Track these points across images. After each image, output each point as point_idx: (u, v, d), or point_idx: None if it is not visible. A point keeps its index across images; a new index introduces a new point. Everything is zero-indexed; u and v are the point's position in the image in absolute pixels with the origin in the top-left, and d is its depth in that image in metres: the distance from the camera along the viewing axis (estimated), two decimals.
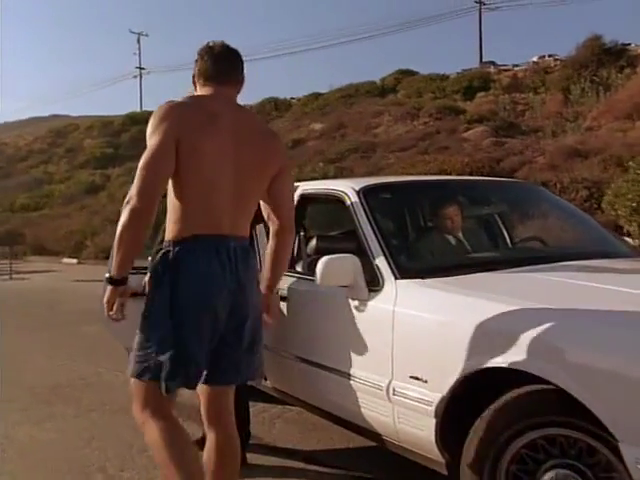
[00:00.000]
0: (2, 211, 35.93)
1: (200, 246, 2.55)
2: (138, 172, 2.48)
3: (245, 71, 2.86)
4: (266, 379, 4.17)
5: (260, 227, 4.14)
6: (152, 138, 2.51)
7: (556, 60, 31.97)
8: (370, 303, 3.21)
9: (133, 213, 2.45)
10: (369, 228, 3.46)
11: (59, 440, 4.44)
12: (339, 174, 19.95)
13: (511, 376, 2.50)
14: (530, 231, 4.93)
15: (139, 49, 63.80)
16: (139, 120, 38.67)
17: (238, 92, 2.81)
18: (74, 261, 22.57)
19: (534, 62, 33.78)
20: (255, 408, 4.71)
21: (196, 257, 2.54)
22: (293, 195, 2.99)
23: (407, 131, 27.56)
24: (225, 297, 2.58)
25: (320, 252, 3.76)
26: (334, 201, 3.89)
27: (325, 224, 5.47)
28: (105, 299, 2.64)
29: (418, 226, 4.50)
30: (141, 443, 4.20)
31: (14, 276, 17.08)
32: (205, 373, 2.69)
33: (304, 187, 4.29)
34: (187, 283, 2.52)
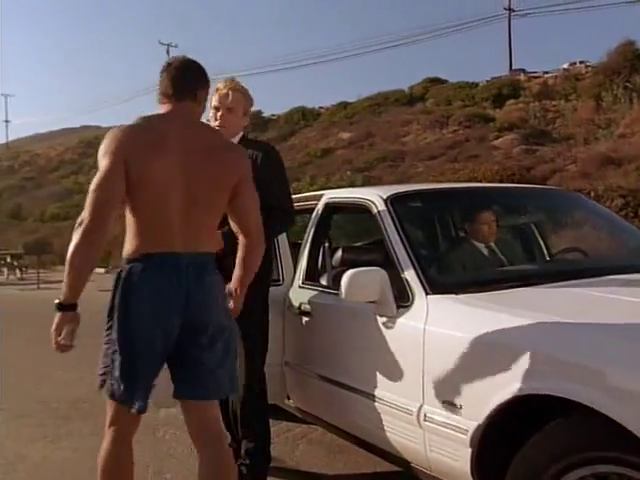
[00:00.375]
0: (33, 221, 36.24)
1: (149, 264, 2.55)
2: (89, 195, 2.50)
3: (208, 81, 2.83)
4: (289, 398, 3.97)
5: (281, 235, 3.94)
6: (102, 161, 2.55)
7: (587, 66, 31.52)
8: (399, 320, 2.98)
9: (84, 234, 2.44)
10: (397, 239, 3.23)
11: (73, 460, 4.25)
12: (367, 183, 19.75)
13: (556, 404, 2.25)
14: (569, 241, 4.66)
15: None
16: None
17: (201, 105, 2.80)
18: (102, 270, 22.49)
19: (565, 69, 33.34)
20: (278, 427, 4.50)
21: (144, 275, 2.54)
22: (257, 206, 2.82)
23: (436, 139, 27.38)
24: (175, 314, 2.55)
25: (346, 264, 3.56)
26: (360, 210, 3.68)
27: (351, 234, 5.26)
28: (53, 326, 2.54)
29: (450, 237, 4.26)
30: (158, 465, 4.03)
31: (41, 286, 17.08)
32: (174, 386, 2.70)
33: (329, 195, 4.08)
34: (135, 301, 2.53)
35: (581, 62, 33.72)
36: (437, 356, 2.73)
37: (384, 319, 3.05)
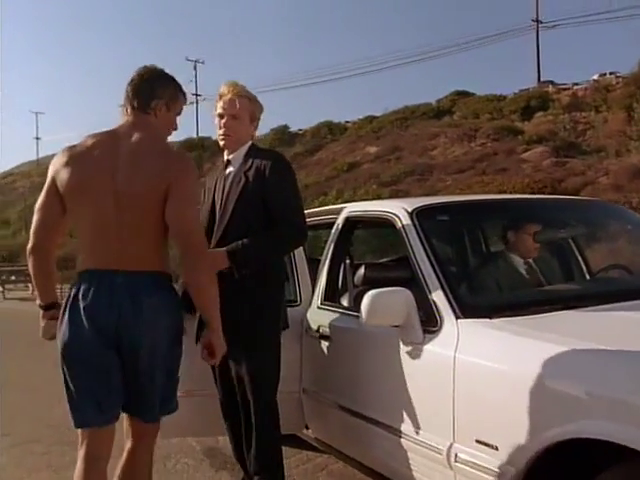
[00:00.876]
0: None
1: (86, 281, 2.57)
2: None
3: (168, 91, 2.76)
4: (307, 427, 3.67)
5: (299, 251, 3.66)
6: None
7: (618, 77, 31.02)
8: (426, 347, 2.67)
9: (28, 252, 2.71)
10: (424, 255, 2.92)
11: None
12: (394, 197, 19.45)
13: (609, 449, 1.93)
14: (611, 258, 4.30)
15: (195, 76, 64.16)
16: (196, 146, 38.83)
17: (159, 116, 2.74)
18: None
19: (595, 80, 32.84)
20: (297, 457, 4.22)
21: (78, 292, 2.57)
22: (189, 217, 2.61)
23: (464, 153, 27.29)
24: (105, 334, 2.54)
25: (368, 282, 3.29)
26: (384, 224, 3.38)
27: (375, 250, 4.95)
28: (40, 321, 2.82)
29: (482, 253, 3.91)
30: None
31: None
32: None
33: (350, 209, 3.78)
34: (69, 317, 2.57)
35: (611, 73, 33.19)
36: (469, 389, 2.42)
37: (409, 346, 2.74)
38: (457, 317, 2.62)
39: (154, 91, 2.71)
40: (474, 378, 2.41)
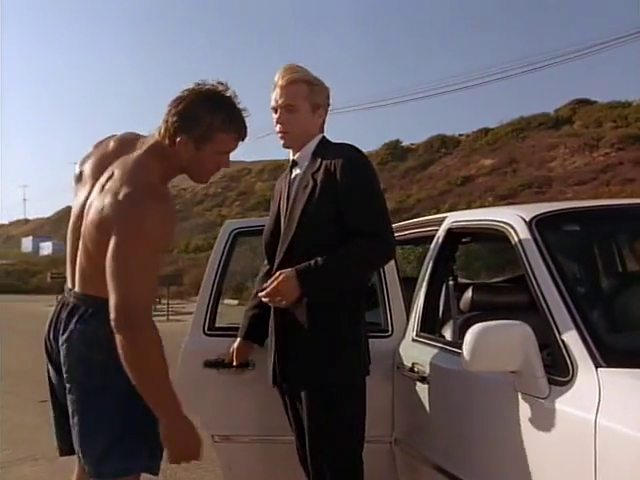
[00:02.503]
0: (178, 252, 37.87)
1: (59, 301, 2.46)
2: None
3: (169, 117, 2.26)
4: None
5: (391, 270, 3.05)
6: None
7: None
8: (552, 405, 1.95)
9: None
10: (547, 278, 2.20)
11: None
12: None
13: None
14: None
15: None
16: None
17: (163, 140, 2.24)
18: (235, 302, 22.48)
19: None
20: None
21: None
22: (117, 271, 2.05)
23: (585, 163, 26.68)
24: (50, 355, 2.40)
25: (477, 307, 2.81)
26: (494, 237, 2.72)
27: (486, 268, 4.25)
28: None
29: (628, 275, 3.07)
30: None
31: (171, 317, 16.98)
32: None
33: (453, 219, 3.08)
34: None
35: None
36: (619, 471, 1.69)
37: (529, 400, 2.03)
38: (597, 365, 1.89)
39: (182, 123, 2.21)
40: (626, 457, 1.67)
